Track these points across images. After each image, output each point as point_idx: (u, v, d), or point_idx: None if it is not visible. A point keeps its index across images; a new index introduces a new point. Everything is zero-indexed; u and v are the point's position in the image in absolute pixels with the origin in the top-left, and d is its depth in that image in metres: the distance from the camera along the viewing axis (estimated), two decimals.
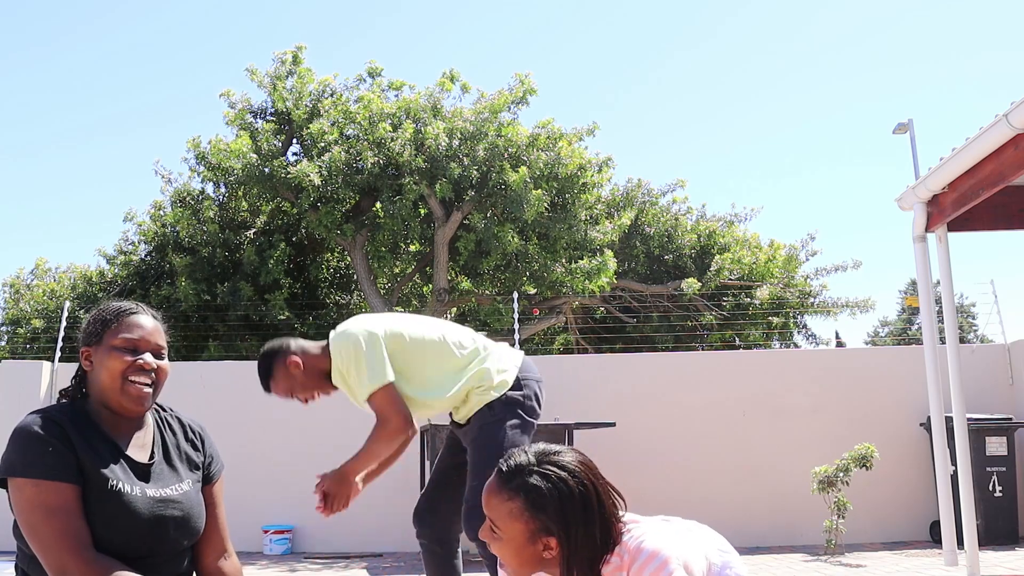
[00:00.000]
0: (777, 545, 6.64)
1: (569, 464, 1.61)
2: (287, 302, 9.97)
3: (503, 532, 1.60)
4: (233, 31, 43.60)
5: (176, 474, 1.84)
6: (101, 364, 1.78)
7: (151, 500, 1.74)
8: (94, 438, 1.73)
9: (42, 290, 11.89)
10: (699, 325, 11.77)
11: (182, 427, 1.95)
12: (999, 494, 6.32)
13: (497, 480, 1.63)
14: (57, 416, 1.72)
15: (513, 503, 1.59)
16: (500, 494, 1.61)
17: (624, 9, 47.55)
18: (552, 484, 1.58)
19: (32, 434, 1.67)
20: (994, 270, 55.22)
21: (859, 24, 49.70)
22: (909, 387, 6.86)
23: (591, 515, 1.59)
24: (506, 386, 2.99)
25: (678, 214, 12.71)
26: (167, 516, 1.76)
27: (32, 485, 1.63)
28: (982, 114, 26.27)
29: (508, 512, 1.59)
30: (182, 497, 1.81)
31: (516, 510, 1.58)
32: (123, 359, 1.77)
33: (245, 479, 6.87)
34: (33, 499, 1.63)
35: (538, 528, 1.58)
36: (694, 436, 6.94)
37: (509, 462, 1.64)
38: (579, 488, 1.59)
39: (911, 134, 13.08)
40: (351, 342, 2.89)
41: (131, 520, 1.70)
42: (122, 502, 1.70)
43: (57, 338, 7.95)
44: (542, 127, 9.90)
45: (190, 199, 10.86)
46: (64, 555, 1.60)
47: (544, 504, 1.57)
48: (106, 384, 1.77)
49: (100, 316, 1.84)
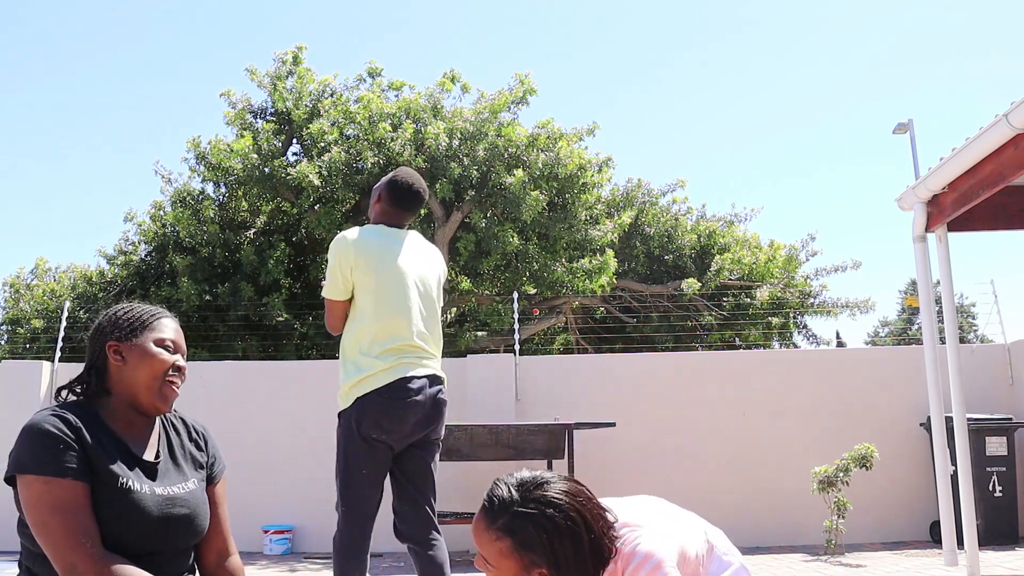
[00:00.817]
0: (777, 545, 6.64)
1: (555, 498, 1.58)
2: (287, 302, 9.97)
3: (496, 569, 1.59)
4: (233, 31, 43.62)
5: (182, 473, 1.86)
6: (140, 361, 1.80)
7: (159, 498, 1.76)
8: (102, 436, 1.74)
9: (42, 290, 11.88)
10: (699, 325, 11.76)
11: (185, 427, 1.97)
12: (999, 494, 6.32)
13: (484, 518, 1.61)
14: (67, 413, 1.72)
15: (502, 543, 1.57)
16: (488, 533, 1.59)
17: (624, 10, 47.55)
18: (538, 523, 1.55)
19: (43, 431, 1.67)
20: (994, 270, 55.23)
21: (859, 25, 49.73)
22: (909, 387, 6.86)
23: (580, 545, 1.57)
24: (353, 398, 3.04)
25: (678, 214, 12.70)
26: (174, 515, 1.77)
27: (42, 482, 1.64)
28: (982, 114, 26.29)
29: (498, 552, 1.58)
30: (188, 496, 1.82)
31: (506, 549, 1.57)
32: (165, 359, 1.82)
33: (245, 479, 6.87)
34: (43, 496, 1.63)
35: (529, 563, 1.57)
36: (694, 436, 6.94)
37: (493, 498, 1.60)
38: (566, 522, 1.57)
39: (911, 134, 13.07)
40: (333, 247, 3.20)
41: (140, 518, 1.71)
42: (131, 500, 1.71)
43: (57, 338, 7.95)
44: (542, 127, 9.90)
45: (190, 199, 10.85)
46: (73, 552, 1.61)
47: (532, 543, 1.55)
48: (144, 382, 1.80)
49: (135, 314, 1.86)
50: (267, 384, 7.27)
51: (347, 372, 3.05)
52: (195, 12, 39.38)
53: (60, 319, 8.62)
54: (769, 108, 55.02)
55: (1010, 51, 49.22)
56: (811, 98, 55.56)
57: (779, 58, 52.93)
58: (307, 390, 7.13)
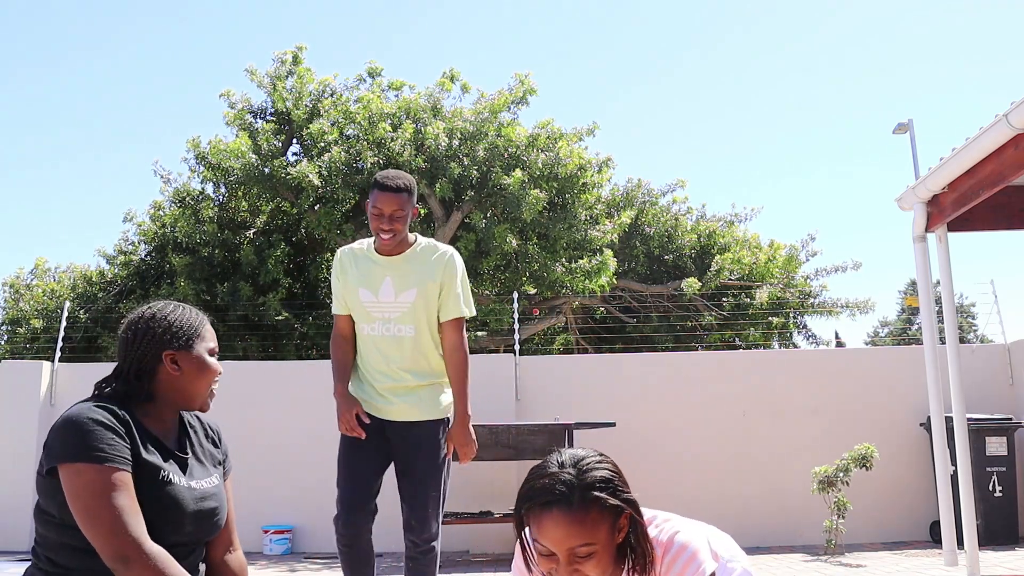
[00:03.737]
0: (777, 545, 6.64)
1: (607, 466, 1.65)
2: (287, 302, 9.97)
3: (596, 544, 1.56)
4: (233, 31, 43.63)
5: (205, 468, 1.92)
6: (197, 371, 1.88)
7: (193, 492, 1.82)
8: (140, 431, 1.78)
9: (42, 290, 11.86)
10: (699, 325, 11.75)
11: (202, 425, 2.03)
12: (999, 494, 6.31)
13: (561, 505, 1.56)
14: (113, 406, 1.75)
15: (591, 511, 1.56)
16: (575, 507, 1.56)
17: (624, 10, 47.56)
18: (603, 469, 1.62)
19: (94, 419, 1.70)
20: (994, 270, 55.25)
21: (859, 25, 49.73)
22: (909, 387, 6.86)
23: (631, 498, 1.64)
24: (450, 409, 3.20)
25: (678, 214, 12.69)
26: (205, 508, 1.83)
27: (95, 470, 1.65)
28: (982, 115, 26.26)
29: (594, 519, 1.56)
30: (215, 490, 1.89)
31: (597, 514, 1.56)
32: (217, 369, 1.94)
33: (245, 479, 6.85)
34: (94, 483, 1.64)
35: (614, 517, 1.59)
36: (694, 436, 6.94)
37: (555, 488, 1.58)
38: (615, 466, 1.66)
39: (911, 134, 13.08)
40: (461, 264, 3.19)
41: (177, 510, 1.76)
42: (171, 492, 1.76)
43: (57, 338, 7.95)
44: (542, 127, 9.90)
45: (189, 199, 10.85)
46: (124, 542, 1.63)
47: (608, 485, 1.59)
48: (198, 391, 1.90)
49: (188, 321, 1.90)
50: (267, 384, 7.27)
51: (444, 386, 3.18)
52: (195, 12, 39.40)
53: (60, 319, 8.62)
54: (769, 108, 55.09)
55: (1010, 51, 49.25)
56: (811, 98, 55.62)
57: (779, 58, 52.98)
58: (307, 390, 7.13)
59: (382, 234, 3.04)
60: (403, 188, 3.03)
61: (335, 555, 6.69)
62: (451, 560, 6.25)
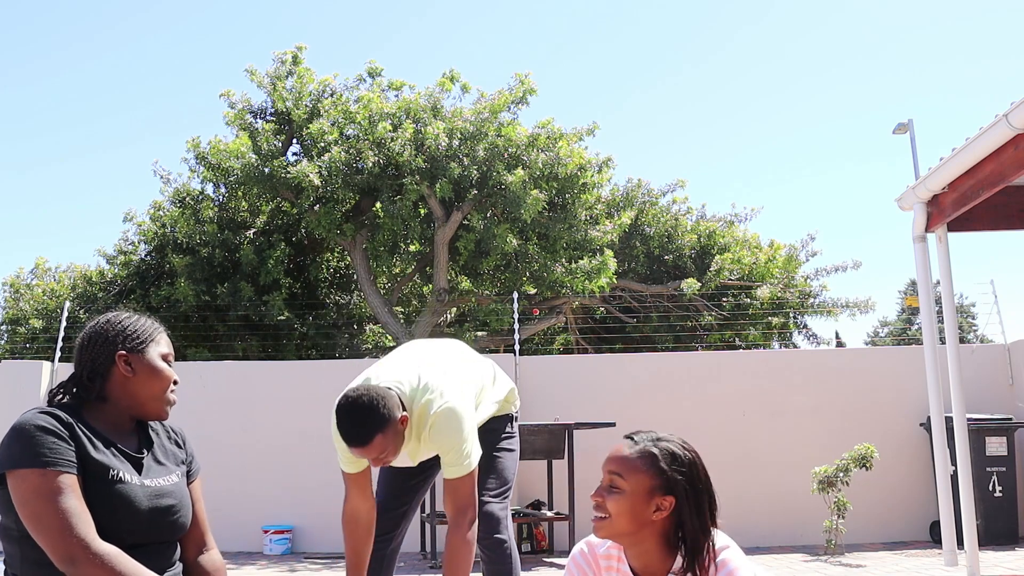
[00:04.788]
0: (777, 545, 6.64)
1: (684, 445, 1.86)
2: (287, 302, 9.97)
3: (627, 484, 1.77)
4: (233, 31, 43.62)
5: (164, 467, 1.93)
6: (149, 374, 1.90)
7: (147, 490, 1.82)
8: (90, 432, 1.80)
9: (42, 290, 11.86)
10: (699, 325, 11.76)
11: (164, 429, 2.05)
12: (999, 494, 6.32)
13: (627, 441, 1.84)
14: (57, 411, 1.78)
15: (643, 458, 1.78)
16: (632, 448, 1.81)
17: (624, 10, 47.57)
18: (686, 452, 1.83)
19: (36, 426, 1.73)
20: (994, 270, 55.23)
21: (859, 25, 49.74)
22: (909, 387, 6.86)
23: (707, 487, 1.81)
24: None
25: (678, 214, 12.70)
26: (161, 506, 1.83)
27: (38, 475, 1.67)
28: (982, 115, 26.25)
29: (637, 465, 1.78)
30: (173, 488, 1.89)
31: (645, 463, 1.77)
32: (170, 374, 1.95)
33: (245, 479, 6.88)
34: (39, 488, 1.66)
35: (660, 485, 1.76)
36: (694, 436, 6.84)
37: (637, 432, 1.86)
38: (698, 462, 1.84)
39: (911, 134, 13.08)
40: (459, 421, 2.71)
41: (130, 508, 1.77)
42: (122, 490, 1.76)
43: (57, 338, 7.95)
44: (542, 127, 9.89)
45: (189, 199, 10.85)
46: (71, 543, 1.64)
47: (673, 460, 1.78)
48: (152, 394, 1.91)
49: (141, 326, 1.94)
50: (267, 384, 7.27)
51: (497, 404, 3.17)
52: (195, 12, 39.38)
53: (60, 319, 8.62)
54: (769, 109, 55.07)
55: (1010, 52, 49.26)
56: (811, 98, 55.61)
57: (779, 58, 52.97)
58: (307, 390, 7.13)
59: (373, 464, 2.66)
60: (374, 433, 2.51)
61: (335, 555, 6.72)
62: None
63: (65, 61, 39.29)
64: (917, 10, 50.52)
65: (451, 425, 2.69)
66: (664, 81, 52.19)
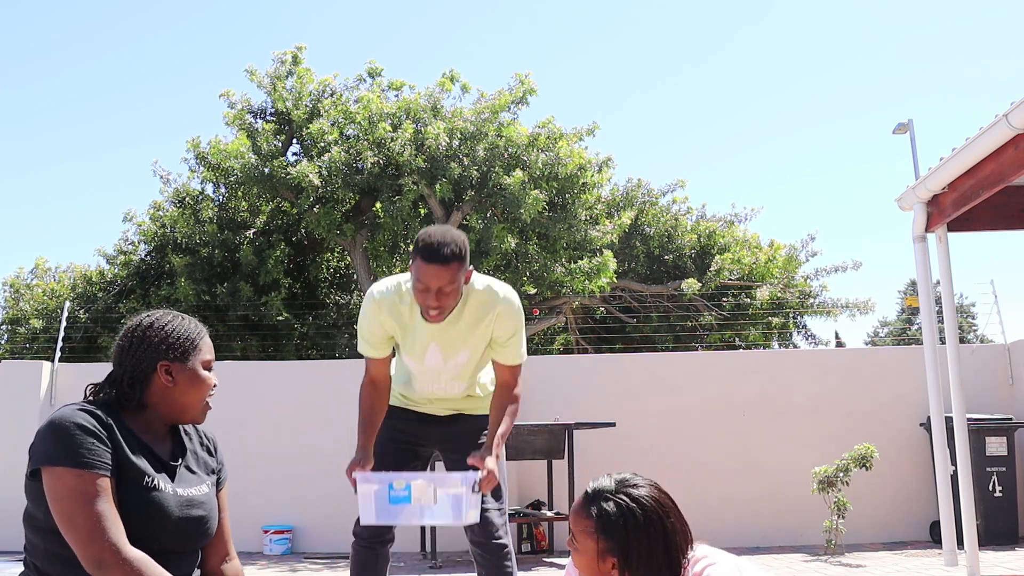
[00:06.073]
0: (777, 545, 6.64)
1: (642, 497, 1.79)
2: (286, 302, 9.97)
3: (580, 545, 1.81)
4: (233, 31, 43.61)
5: (197, 476, 1.91)
6: (191, 385, 1.87)
7: (180, 499, 1.80)
8: (128, 436, 1.78)
9: (42, 290, 11.87)
10: (699, 325, 11.76)
11: (197, 434, 2.02)
12: (999, 494, 6.32)
13: (582, 499, 1.84)
14: (98, 410, 1.75)
15: (588, 523, 1.79)
16: (581, 512, 1.82)
17: (624, 10, 47.56)
18: (621, 513, 1.77)
19: (76, 424, 1.69)
20: (994, 270, 55.22)
21: (859, 25, 49.74)
22: (909, 387, 6.86)
23: (655, 547, 1.75)
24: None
25: (678, 214, 12.71)
26: (192, 515, 1.82)
27: (74, 475, 1.65)
28: (982, 115, 26.24)
29: (584, 529, 1.80)
30: (204, 498, 1.88)
31: (590, 529, 1.79)
32: (211, 382, 1.92)
33: (245, 479, 6.87)
34: (74, 489, 1.65)
35: (605, 549, 1.77)
36: (694, 436, 6.93)
37: (594, 484, 1.85)
38: (644, 521, 1.77)
39: (911, 134, 13.06)
40: (520, 309, 2.84)
41: (161, 516, 1.75)
42: (156, 498, 1.75)
43: (57, 338, 7.95)
44: (542, 127, 9.89)
45: (189, 199, 10.85)
46: (101, 546, 1.63)
47: (611, 529, 1.76)
48: (192, 403, 1.88)
49: (185, 332, 1.88)
50: (267, 384, 7.27)
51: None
52: (195, 12, 39.37)
53: (60, 319, 8.62)
54: (769, 109, 55.06)
55: (1010, 52, 49.27)
56: (811, 98, 55.60)
57: (779, 58, 52.96)
58: (307, 390, 7.13)
59: (430, 311, 2.62)
60: (453, 256, 2.53)
61: (335, 555, 6.72)
62: (451, 560, 6.25)
63: (65, 61, 39.30)
64: (917, 10, 50.53)
65: (517, 307, 2.80)
66: (664, 81, 52.18)
